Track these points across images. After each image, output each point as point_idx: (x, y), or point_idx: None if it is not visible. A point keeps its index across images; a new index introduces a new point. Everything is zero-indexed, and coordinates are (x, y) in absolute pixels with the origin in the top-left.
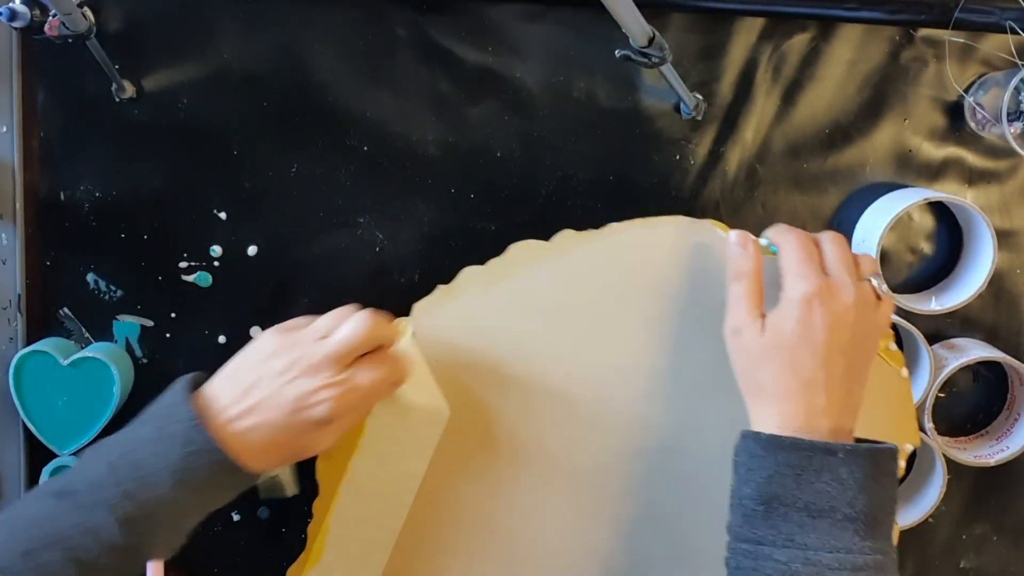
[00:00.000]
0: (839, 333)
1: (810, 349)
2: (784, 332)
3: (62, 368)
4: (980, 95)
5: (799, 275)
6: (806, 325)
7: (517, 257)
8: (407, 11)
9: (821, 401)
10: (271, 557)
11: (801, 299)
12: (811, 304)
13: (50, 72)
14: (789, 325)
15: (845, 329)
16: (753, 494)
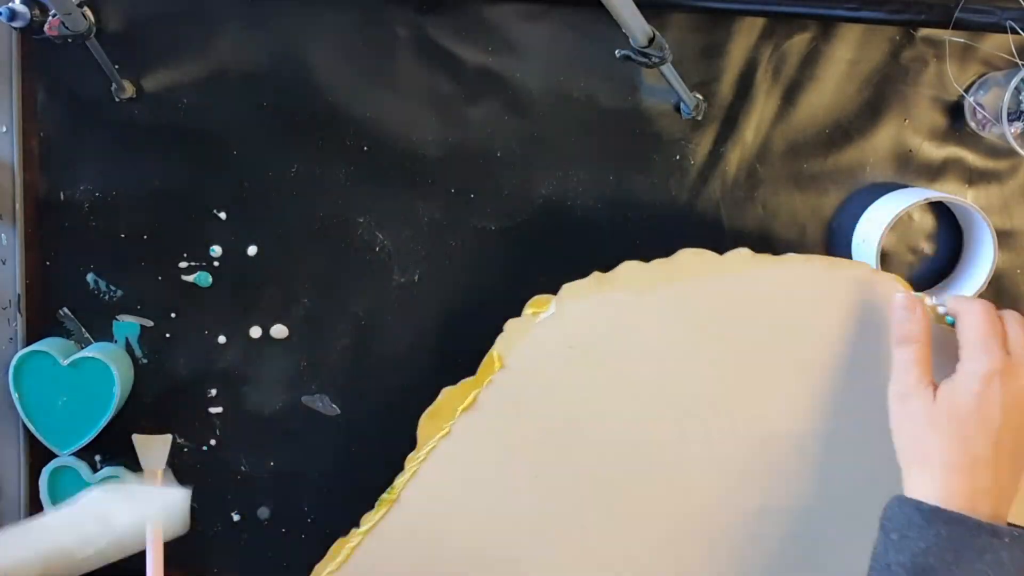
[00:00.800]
0: (1015, 415)
1: (984, 426)
2: (959, 404)
3: (62, 368)
4: (980, 95)
5: (982, 348)
6: (984, 401)
7: (684, 264)
8: (407, 11)
9: (986, 481)
10: (271, 557)
11: (982, 374)
12: (991, 381)
13: (50, 72)
14: (965, 398)
15: (1020, 412)
16: (906, 562)
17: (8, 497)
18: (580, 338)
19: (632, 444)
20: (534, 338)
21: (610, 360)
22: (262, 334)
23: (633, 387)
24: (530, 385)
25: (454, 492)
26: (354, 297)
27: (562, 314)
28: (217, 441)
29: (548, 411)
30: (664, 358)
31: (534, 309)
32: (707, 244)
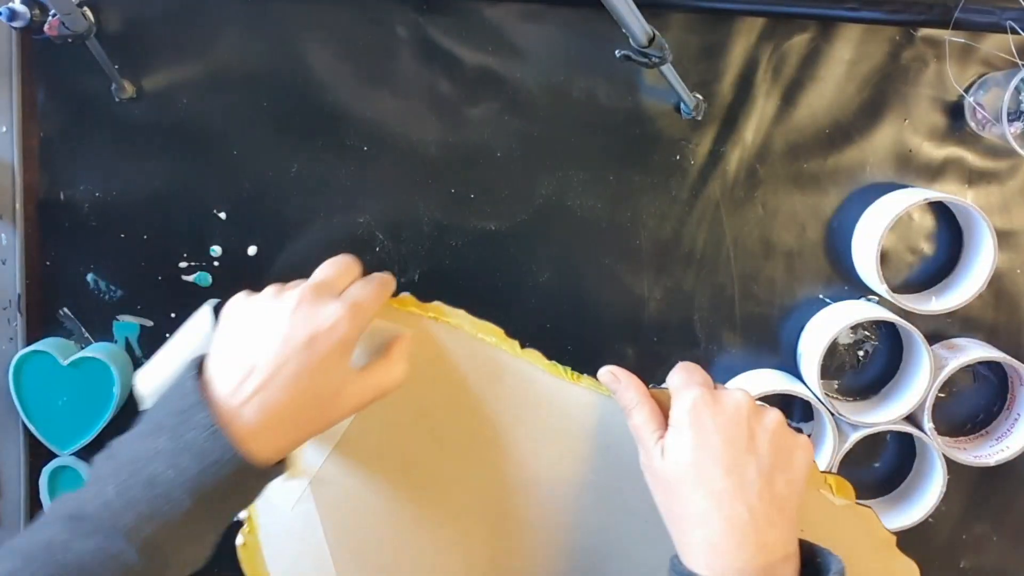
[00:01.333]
0: (736, 436)
1: (710, 459)
2: (682, 447)
3: (62, 368)
4: (980, 95)
5: (682, 386)
6: (699, 431)
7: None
8: (407, 11)
9: (741, 514)
10: None
11: (687, 409)
12: (697, 412)
13: (50, 72)
14: (684, 440)
15: (740, 429)
16: None
17: (8, 497)
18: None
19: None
20: None
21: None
22: None
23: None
24: None
25: None
26: None
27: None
28: None
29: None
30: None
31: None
32: (707, 243)
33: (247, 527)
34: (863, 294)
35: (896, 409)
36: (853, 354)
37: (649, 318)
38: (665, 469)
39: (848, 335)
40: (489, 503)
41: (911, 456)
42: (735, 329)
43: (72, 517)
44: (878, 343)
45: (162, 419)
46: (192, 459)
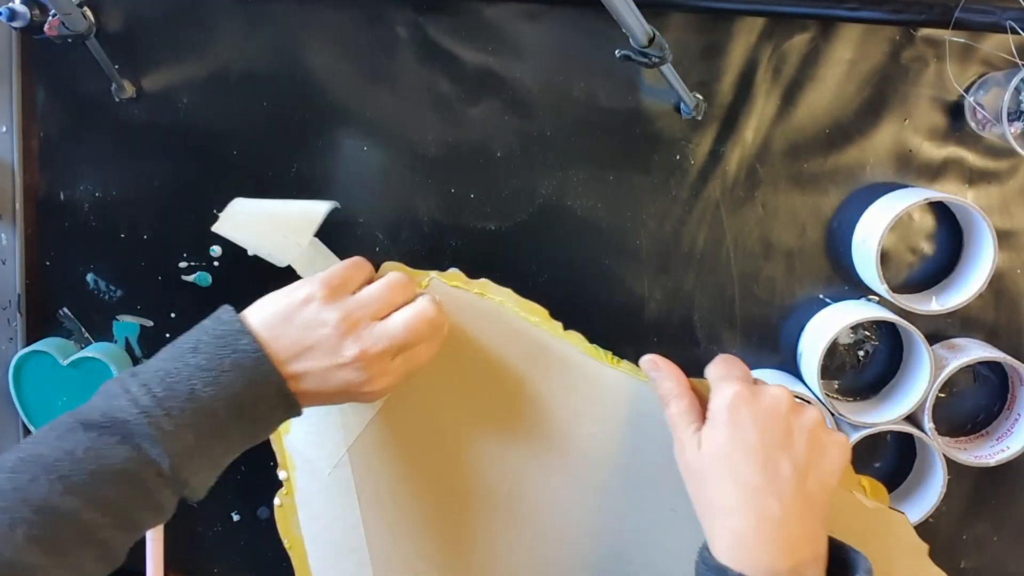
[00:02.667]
0: (773, 432)
1: (745, 452)
2: (718, 440)
3: (62, 368)
4: (980, 95)
5: (723, 379)
6: (735, 428)
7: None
8: (407, 11)
9: (772, 509)
10: (271, 557)
11: (726, 404)
12: (735, 407)
13: (50, 72)
14: (720, 433)
15: (777, 426)
16: None
17: None
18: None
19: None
20: None
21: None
22: None
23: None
24: None
25: None
26: None
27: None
28: None
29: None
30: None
31: None
32: (707, 243)
33: (285, 489)
34: (863, 294)
35: (896, 409)
36: (853, 354)
37: (649, 318)
38: (700, 460)
39: (848, 335)
40: (521, 480)
41: (911, 456)
42: (735, 329)
43: (95, 426)
44: (878, 343)
45: (198, 342)
46: (236, 378)
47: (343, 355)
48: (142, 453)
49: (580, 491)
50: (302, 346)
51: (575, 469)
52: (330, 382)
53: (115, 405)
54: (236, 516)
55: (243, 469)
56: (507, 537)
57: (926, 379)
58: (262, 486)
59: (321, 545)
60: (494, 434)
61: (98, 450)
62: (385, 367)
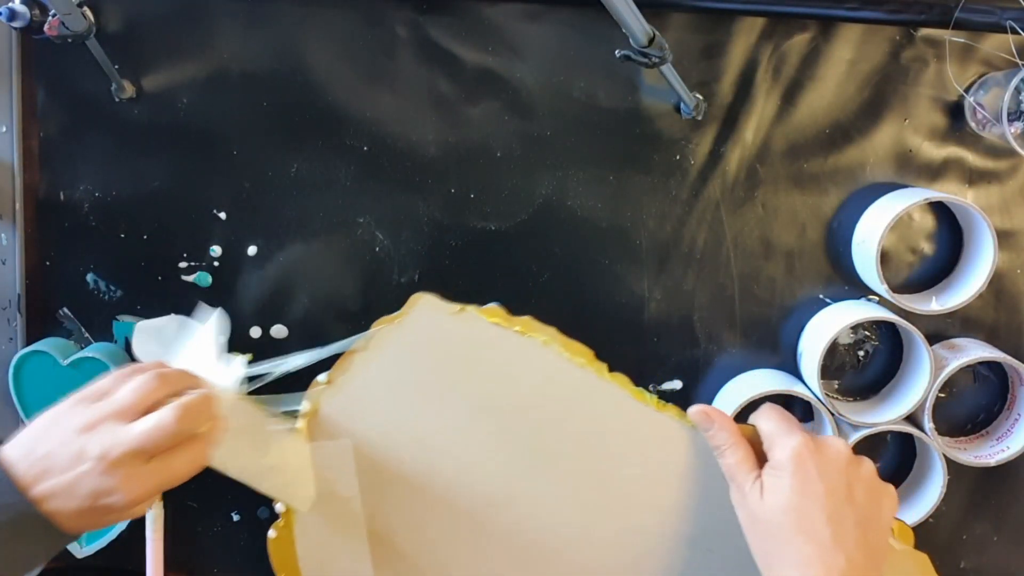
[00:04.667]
0: (834, 482)
1: (813, 506)
2: (784, 490)
3: (62, 368)
4: (980, 95)
5: (784, 434)
6: (802, 478)
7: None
8: (407, 11)
9: (839, 563)
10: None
11: (790, 455)
12: (801, 458)
13: (50, 72)
14: (786, 482)
15: (840, 477)
16: None
17: None
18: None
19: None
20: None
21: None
22: (262, 334)
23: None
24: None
25: None
26: (354, 297)
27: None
28: None
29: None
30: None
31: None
32: (707, 243)
33: (282, 521)
34: (863, 294)
35: (896, 409)
36: (853, 354)
37: (649, 318)
38: (764, 510)
39: (848, 335)
40: (554, 519)
41: (911, 456)
42: (735, 329)
43: None
44: (878, 343)
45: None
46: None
47: (84, 459)
48: None
49: (618, 532)
50: (47, 461)
51: (614, 510)
52: (78, 493)
53: None
54: (236, 516)
55: None
56: (536, 574)
57: (926, 379)
58: None
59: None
60: (529, 470)
61: None
62: (135, 472)
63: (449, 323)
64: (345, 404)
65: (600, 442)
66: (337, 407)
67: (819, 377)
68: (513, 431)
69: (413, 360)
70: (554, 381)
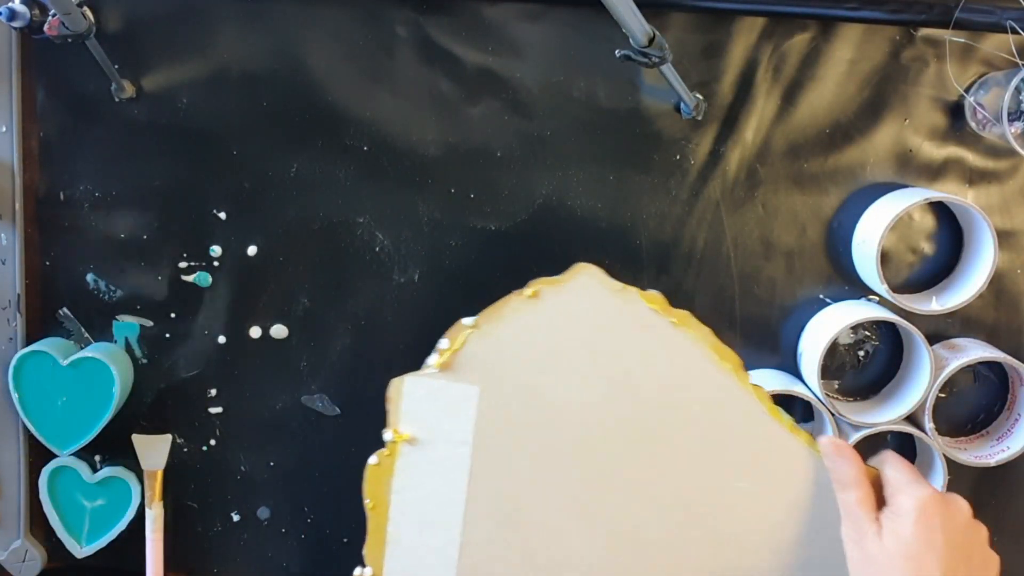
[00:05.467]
0: (957, 539)
1: (932, 556)
2: (905, 536)
3: (62, 368)
4: (981, 95)
5: (913, 481)
6: (926, 529)
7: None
8: (407, 11)
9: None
10: (271, 557)
11: (918, 504)
12: (928, 509)
13: (49, 72)
14: (909, 529)
15: (960, 536)
16: None
17: (7, 497)
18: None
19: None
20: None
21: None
22: (262, 334)
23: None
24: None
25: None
26: (354, 297)
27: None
28: (217, 441)
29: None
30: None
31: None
32: (707, 243)
33: (387, 450)
34: (863, 294)
35: (897, 409)
36: (853, 354)
37: None
38: (881, 551)
39: (848, 335)
40: (655, 514)
41: (911, 456)
42: (735, 329)
43: None
44: (878, 343)
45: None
46: None
47: None
48: None
49: (713, 541)
50: None
51: (716, 519)
52: None
53: None
54: (236, 516)
55: (243, 469)
56: (622, 564)
57: (926, 379)
58: (262, 486)
59: (408, 514)
60: (644, 460)
61: None
62: None
63: (608, 299)
64: (488, 351)
65: (721, 450)
66: (479, 352)
67: (819, 377)
68: (640, 419)
69: (564, 326)
70: (694, 379)
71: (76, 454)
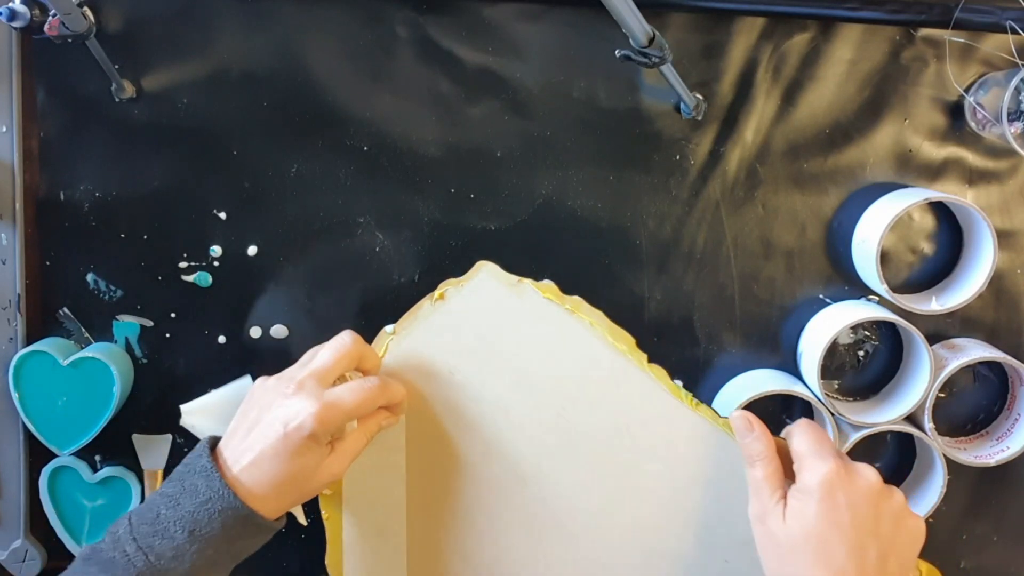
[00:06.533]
0: (863, 513)
1: (837, 535)
2: (808, 518)
3: (62, 368)
4: (980, 95)
5: (816, 456)
6: (830, 507)
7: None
8: (407, 11)
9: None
10: (271, 557)
11: (821, 480)
12: (832, 486)
13: (50, 72)
14: (811, 510)
15: (868, 509)
16: None
17: (8, 497)
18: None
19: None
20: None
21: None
22: (262, 334)
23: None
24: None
25: None
26: (354, 297)
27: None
28: None
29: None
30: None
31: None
32: (707, 243)
33: None
34: (863, 294)
35: (896, 409)
36: (853, 354)
37: (649, 318)
38: (785, 532)
39: (848, 335)
40: (575, 500)
41: (911, 456)
42: (735, 329)
43: (87, 557)
44: (878, 343)
45: (175, 472)
46: (188, 497)
47: (276, 397)
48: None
49: (632, 525)
50: (247, 425)
51: (633, 503)
52: (270, 433)
53: (106, 534)
54: None
55: None
56: (550, 555)
57: (926, 379)
58: None
59: (359, 523)
60: (556, 449)
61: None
62: (313, 392)
63: (506, 293)
64: (405, 356)
65: (628, 432)
66: (400, 356)
67: (819, 377)
68: (547, 407)
69: (469, 323)
70: (593, 364)
71: (76, 454)
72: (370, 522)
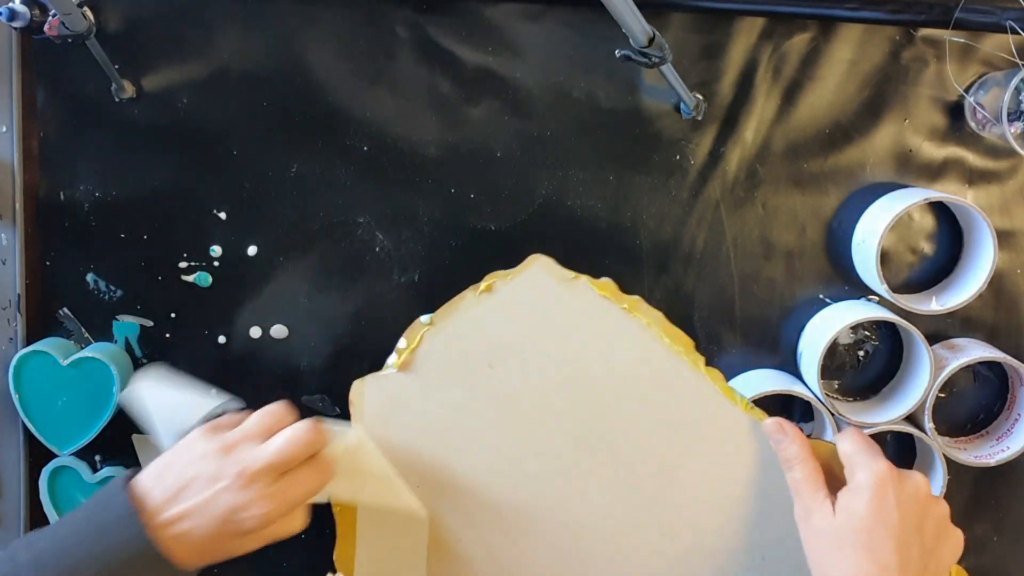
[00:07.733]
0: (911, 515)
1: (885, 530)
2: (857, 513)
3: (62, 368)
4: (980, 95)
5: (868, 457)
6: (880, 505)
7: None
8: (407, 11)
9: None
10: (271, 557)
11: (873, 480)
12: (883, 484)
13: (50, 72)
14: (862, 505)
15: (916, 512)
16: None
17: (8, 497)
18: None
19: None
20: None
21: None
22: (262, 334)
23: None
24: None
25: None
26: (354, 297)
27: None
28: None
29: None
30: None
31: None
32: (707, 243)
33: None
34: (863, 294)
35: (896, 409)
36: (853, 354)
37: None
38: (834, 526)
39: (848, 335)
40: (612, 499)
41: (911, 456)
42: (735, 329)
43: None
44: (878, 343)
45: (84, 505)
46: (104, 537)
47: (222, 477)
48: None
49: (671, 523)
50: (181, 484)
51: (671, 500)
52: (213, 511)
53: (2, 565)
54: None
55: None
56: (587, 551)
57: (926, 379)
58: None
59: (376, 517)
60: (597, 447)
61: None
62: (265, 491)
63: (560, 288)
64: (443, 347)
65: (674, 431)
66: (436, 349)
67: (819, 377)
68: (593, 404)
69: (517, 317)
70: (646, 364)
71: (76, 454)
72: (388, 516)
